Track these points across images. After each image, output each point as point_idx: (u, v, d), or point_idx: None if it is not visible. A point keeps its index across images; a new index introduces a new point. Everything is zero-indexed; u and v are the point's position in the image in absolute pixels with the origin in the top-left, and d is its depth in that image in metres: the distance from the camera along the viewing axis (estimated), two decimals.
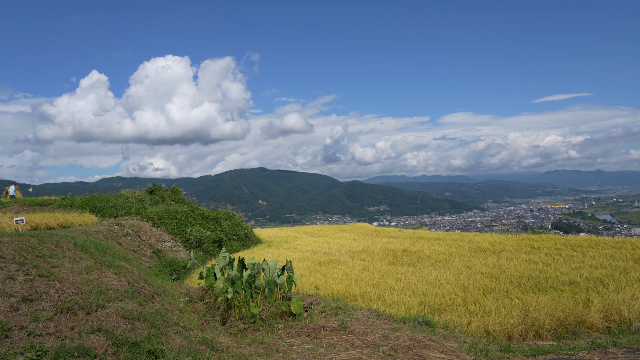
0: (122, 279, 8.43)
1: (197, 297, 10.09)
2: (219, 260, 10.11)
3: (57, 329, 5.68)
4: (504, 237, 20.82)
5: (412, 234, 27.17)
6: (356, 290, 11.20)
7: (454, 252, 17.16)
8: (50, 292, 6.47)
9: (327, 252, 18.87)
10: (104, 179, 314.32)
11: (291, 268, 9.44)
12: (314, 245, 22.05)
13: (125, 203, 24.01)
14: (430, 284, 11.79)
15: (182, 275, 14.54)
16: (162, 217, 21.18)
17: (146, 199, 26.89)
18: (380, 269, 14.29)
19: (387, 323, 7.92)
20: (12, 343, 5.11)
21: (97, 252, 9.75)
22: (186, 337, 6.96)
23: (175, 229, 20.40)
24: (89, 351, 5.39)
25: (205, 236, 20.34)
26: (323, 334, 7.51)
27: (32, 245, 8.07)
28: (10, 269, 6.64)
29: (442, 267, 14.18)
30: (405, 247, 18.71)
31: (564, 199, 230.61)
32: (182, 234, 20.09)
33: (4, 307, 5.66)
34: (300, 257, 17.15)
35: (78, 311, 6.27)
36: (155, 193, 28.45)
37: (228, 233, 23.32)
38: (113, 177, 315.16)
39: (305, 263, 15.66)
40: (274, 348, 6.98)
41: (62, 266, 7.66)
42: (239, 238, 24.03)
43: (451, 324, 8.30)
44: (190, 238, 19.79)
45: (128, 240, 15.66)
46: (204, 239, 20.12)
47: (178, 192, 29.78)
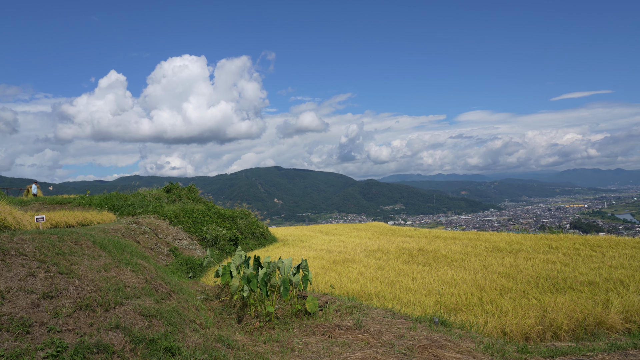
0: (140, 276, 8.53)
1: (213, 295, 10.17)
2: (235, 258, 10.18)
3: (77, 326, 5.77)
4: (521, 236, 20.57)
5: (428, 233, 27.01)
6: (371, 289, 11.17)
7: (470, 251, 17.02)
8: (69, 289, 6.58)
9: (343, 251, 18.86)
10: (122, 178, 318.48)
11: (306, 267, 9.46)
12: (329, 244, 22.06)
13: (142, 201, 24.30)
14: (446, 283, 11.71)
15: (198, 273, 14.67)
16: (179, 216, 21.38)
17: (163, 197, 27.17)
18: (395, 268, 14.23)
19: (402, 322, 7.89)
20: (33, 339, 5.21)
21: (115, 250, 9.88)
22: (202, 334, 7.02)
23: (192, 227, 20.58)
24: (107, 348, 5.47)
25: (222, 234, 20.48)
26: (338, 333, 7.51)
27: (52, 242, 8.21)
28: (31, 266, 6.77)
29: (458, 267, 14.07)
30: (421, 246, 18.61)
31: (582, 198, 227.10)
32: (198, 232, 20.26)
33: (25, 304, 5.78)
34: (316, 256, 17.17)
35: (97, 308, 6.36)
36: (172, 192, 28.72)
37: (244, 231, 23.44)
38: (131, 175, 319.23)
39: (320, 262, 15.67)
40: (289, 346, 7.01)
41: (81, 263, 7.78)
42: (254, 237, 24.14)
43: (467, 324, 8.23)
44: (207, 236, 19.95)
45: (145, 238, 15.84)
46: (220, 237, 20.26)
47: (194, 191, 30.02)
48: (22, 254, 7.06)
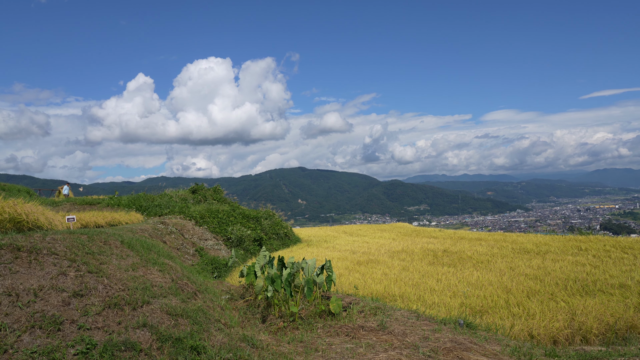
0: (166, 276, 8.68)
1: (237, 295, 10.27)
2: (259, 258, 10.26)
3: (105, 324, 5.91)
4: (549, 238, 20.16)
5: (453, 234, 26.71)
6: (395, 291, 11.12)
7: (497, 253, 16.77)
8: (99, 287, 6.74)
9: (366, 251, 18.81)
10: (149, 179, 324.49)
11: (330, 267, 9.47)
12: (353, 245, 22.02)
13: (169, 202, 24.69)
14: (471, 285, 11.57)
15: (223, 273, 14.83)
16: (204, 216, 21.65)
17: (189, 198, 27.55)
18: (420, 269, 14.13)
19: (427, 324, 7.83)
20: (64, 336, 5.35)
21: (142, 249, 10.07)
22: (227, 334, 7.10)
23: (217, 227, 20.82)
24: (135, 346, 5.59)
25: (246, 235, 20.65)
26: (362, 334, 7.50)
27: (82, 242, 8.42)
28: (62, 265, 6.96)
29: (484, 268, 13.88)
30: (446, 248, 18.42)
31: (613, 199, 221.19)
32: (223, 232, 20.48)
33: (57, 302, 5.94)
34: (339, 257, 17.16)
35: (125, 307, 6.50)
36: (198, 192, 29.10)
37: (268, 232, 23.60)
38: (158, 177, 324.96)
39: (344, 262, 15.66)
40: (313, 347, 7.03)
41: (110, 263, 7.96)
42: (278, 237, 24.27)
43: (493, 326, 8.12)
44: (231, 237, 20.15)
45: (172, 238, 16.09)
46: (244, 237, 20.43)
47: (219, 192, 30.36)
48: (54, 253, 7.26)
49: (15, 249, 6.89)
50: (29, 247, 7.12)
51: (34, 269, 6.57)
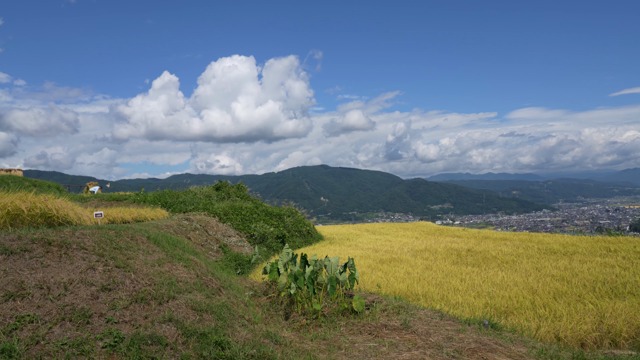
0: (191, 271, 8.80)
1: (261, 292, 10.34)
2: (282, 256, 10.30)
3: (132, 318, 6.02)
4: (577, 238, 19.73)
5: (477, 233, 26.37)
6: (419, 290, 11.04)
7: (522, 253, 16.49)
8: (126, 282, 6.87)
9: (389, 250, 18.72)
10: (174, 176, 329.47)
11: (353, 265, 9.46)
12: (375, 243, 21.95)
13: (193, 199, 25.00)
14: (496, 285, 11.41)
15: (246, 269, 14.95)
16: (228, 213, 21.86)
17: (213, 195, 27.84)
18: (443, 268, 14.00)
19: (450, 324, 7.75)
20: (93, 329, 5.48)
21: (168, 245, 10.22)
22: (251, 330, 7.16)
23: (240, 224, 20.99)
24: (161, 340, 5.68)
25: (269, 232, 20.77)
26: (385, 333, 7.47)
27: (110, 237, 8.60)
28: (91, 260, 7.12)
29: (509, 269, 13.67)
30: (470, 247, 18.20)
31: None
32: (246, 229, 20.64)
33: (86, 295, 6.08)
34: (362, 255, 17.12)
35: (151, 301, 6.62)
36: (222, 189, 29.39)
37: (291, 229, 23.69)
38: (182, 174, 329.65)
39: (366, 261, 15.62)
40: (335, 345, 7.03)
41: (136, 258, 8.11)
42: (301, 234, 24.35)
43: (519, 327, 7.99)
44: (255, 234, 20.29)
45: (196, 234, 16.30)
46: (267, 234, 20.56)
47: (243, 189, 30.59)
48: (83, 248, 7.44)
49: (46, 243, 7.07)
50: (60, 241, 7.31)
51: (64, 263, 6.74)
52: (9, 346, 4.66)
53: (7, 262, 6.14)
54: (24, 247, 6.69)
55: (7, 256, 6.29)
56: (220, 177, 35.43)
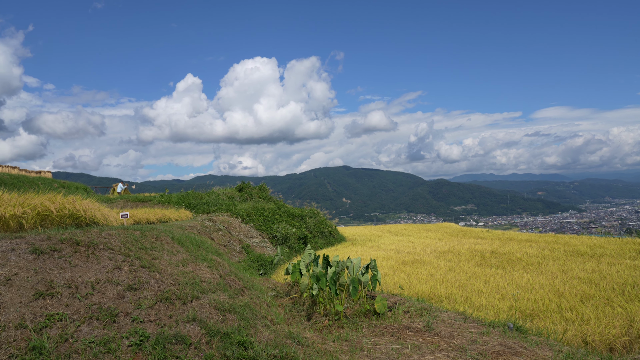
0: (215, 272, 8.89)
1: (283, 292, 10.39)
2: (304, 256, 10.34)
3: (157, 317, 6.12)
4: (605, 240, 19.27)
5: (502, 234, 25.98)
6: (442, 292, 10.94)
7: (548, 255, 16.19)
8: (151, 282, 6.99)
9: (412, 251, 18.59)
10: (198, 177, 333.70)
11: (375, 267, 9.43)
12: (397, 245, 21.82)
13: (216, 200, 25.26)
14: (521, 287, 11.23)
15: (269, 270, 15.03)
16: (251, 214, 22.02)
17: (235, 196, 28.08)
18: (467, 270, 13.84)
19: (474, 327, 7.66)
20: (119, 328, 5.58)
21: (192, 246, 10.35)
22: (273, 330, 7.20)
23: (263, 225, 21.12)
24: (185, 339, 5.76)
25: (291, 233, 20.85)
26: (407, 335, 7.42)
27: (135, 238, 8.75)
28: (117, 260, 7.26)
29: (534, 271, 13.43)
30: (494, 249, 17.95)
31: None
32: (269, 230, 20.76)
33: (112, 295, 6.21)
34: (384, 256, 17.05)
35: (175, 301, 6.71)
36: (244, 191, 29.62)
37: (313, 230, 23.73)
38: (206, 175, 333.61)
39: (389, 262, 15.55)
40: (358, 346, 7.02)
41: (161, 258, 8.24)
42: (323, 235, 24.37)
43: (545, 331, 7.85)
44: (277, 234, 20.39)
45: (219, 235, 16.46)
46: (289, 235, 20.64)
47: (265, 190, 30.78)
48: (110, 248, 7.59)
49: (74, 243, 7.24)
50: (87, 241, 7.47)
51: (92, 262, 6.89)
52: (39, 343, 4.79)
53: (37, 262, 6.31)
54: (53, 247, 6.86)
55: (37, 256, 6.46)
56: (243, 178, 35.71)
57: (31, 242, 6.80)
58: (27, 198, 9.45)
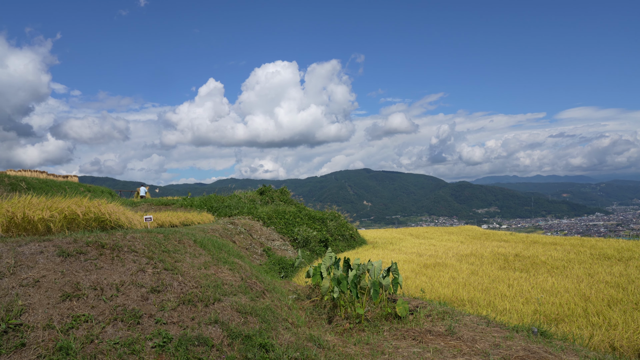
0: (236, 274, 8.96)
1: (304, 295, 10.41)
2: (325, 259, 10.34)
3: (180, 319, 6.20)
4: (633, 243, 18.79)
5: (525, 237, 25.57)
6: (464, 295, 10.82)
7: (573, 258, 15.87)
8: (174, 284, 7.08)
9: (433, 254, 18.44)
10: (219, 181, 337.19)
11: (396, 270, 9.38)
12: (419, 248, 21.66)
13: (238, 203, 25.45)
14: (545, 291, 11.03)
15: (290, 273, 15.07)
16: (272, 217, 22.12)
17: (257, 199, 28.25)
18: (490, 273, 13.65)
19: (497, 331, 7.56)
20: (143, 329, 5.68)
21: (213, 248, 10.46)
22: (294, 333, 7.22)
23: (284, 228, 21.20)
24: (207, 341, 5.83)
25: (312, 236, 20.87)
26: (429, 339, 7.37)
27: (158, 241, 8.88)
28: (141, 262, 7.39)
29: (559, 274, 13.18)
30: (518, 252, 17.68)
31: None
32: (290, 233, 20.82)
33: (136, 296, 6.31)
34: (405, 259, 16.94)
35: (197, 303, 6.79)
36: (265, 194, 29.78)
37: (334, 233, 23.72)
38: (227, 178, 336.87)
39: (410, 265, 15.45)
40: (379, 349, 7.00)
41: (184, 261, 8.34)
42: (344, 238, 24.33)
43: (570, 335, 7.69)
44: (298, 237, 20.44)
45: (241, 238, 16.58)
46: (310, 238, 20.66)
47: (286, 193, 30.90)
48: (134, 251, 7.72)
49: (99, 246, 7.39)
50: (112, 244, 7.62)
51: (116, 265, 7.02)
52: (66, 344, 4.90)
53: (64, 264, 6.46)
54: (79, 249, 7.02)
55: (64, 258, 6.62)
56: (264, 181, 35.89)
57: (58, 245, 6.97)
58: (54, 202, 9.67)
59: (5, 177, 28.47)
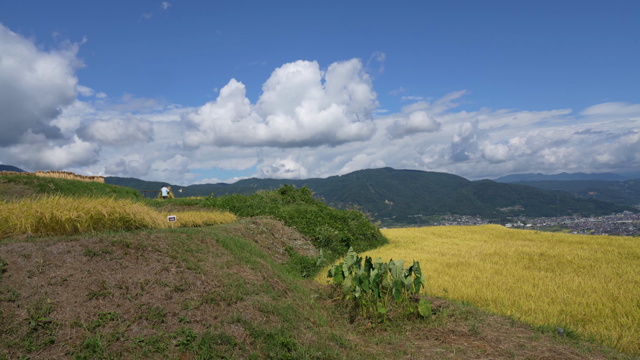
0: (258, 274, 9.02)
1: (326, 294, 10.42)
2: (347, 259, 10.33)
3: (203, 318, 6.28)
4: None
5: (551, 236, 25.10)
6: (488, 295, 10.68)
7: (601, 257, 15.51)
8: (197, 283, 7.17)
9: (456, 253, 18.24)
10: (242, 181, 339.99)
11: (418, 269, 9.32)
12: (442, 247, 21.45)
13: (260, 203, 25.61)
14: (572, 291, 10.81)
15: (311, 272, 15.10)
16: (293, 216, 22.19)
17: (278, 199, 28.38)
18: (514, 273, 13.45)
19: (522, 331, 7.44)
20: (167, 327, 5.76)
21: (236, 248, 10.55)
22: (316, 332, 7.24)
23: (305, 227, 21.24)
24: (229, 340, 5.88)
25: (334, 235, 20.87)
26: (452, 339, 7.30)
27: (182, 240, 9.00)
28: (165, 262, 7.50)
29: (586, 274, 12.90)
30: (543, 251, 17.36)
31: None
32: (311, 232, 20.85)
33: (160, 295, 6.41)
34: (428, 259, 16.81)
35: (220, 302, 6.86)
36: (287, 193, 29.90)
37: (355, 232, 23.67)
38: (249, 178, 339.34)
39: (432, 264, 15.32)
40: (401, 349, 6.96)
41: (206, 260, 8.44)
42: (365, 238, 24.27)
43: (598, 336, 7.52)
44: (319, 237, 20.46)
45: (263, 237, 16.68)
46: (332, 237, 20.66)
47: (307, 192, 30.96)
48: (157, 250, 7.84)
49: (124, 245, 7.52)
50: (136, 244, 7.75)
51: (141, 264, 7.14)
52: (92, 342, 5.01)
53: (90, 263, 6.60)
54: (105, 249, 7.16)
55: (91, 257, 6.76)
56: (286, 181, 36.05)
57: (85, 245, 7.12)
58: (81, 202, 9.89)
59: (35, 179, 29.26)
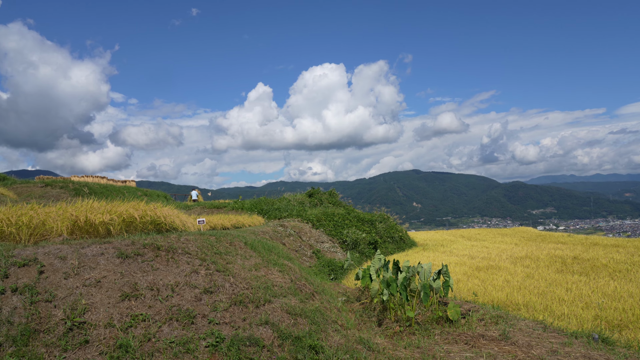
0: (286, 276, 9.07)
1: (353, 297, 10.40)
2: (374, 262, 10.29)
3: (232, 319, 6.35)
4: None
5: (584, 239, 24.44)
6: (519, 299, 10.47)
7: (638, 261, 15.02)
8: (225, 285, 7.26)
9: (486, 257, 17.95)
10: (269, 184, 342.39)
11: (447, 272, 9.21)
12: (471, 250, 21.14)
13: (287, 206, 25.75)
14: (607, 296, 10.50)
15: (339, 275, 15.09)
16: (321, 219, 22.23)
17: (306, 201, 28.48)
18: (546, 277, 13.15)
19: (555, 336, 7.27)
20: (197, 329, 5.86)
21: (264, 250, 10.64)
22: (344, 335, 7.23)
23: (333, 230, 21.24)
24: (258, 342, 5.94)
25: (361, 238, 20.81)
26: (482, 343, 7.18)
27: (211, 243, 9.13)
28: (194, 264, 7.62)
29: (622, 278, 12.52)
30: (576, 254, 16.92)
31: None
32: (338, 235, 20.84)
33: (190, 297, 6.52)
34: (457, 262, 16.59)
35: (248, 304, 6.93)
36: (314, 196, 29.98)
37: (383, 235, 23.55)
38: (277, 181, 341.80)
39: (462, 268, 15.11)
40: (430, 353, 6.89)
41: (235, 263, 8.53)
42: (393, 240, 24.11)
43: (635, 343, 7.29)
44: (347, 239, 20.43)
45: (290, 240, 16.76)
46: (359, 240, 20.60)
47: (335, 195, 30.96)
48: (187, 253, 7.98)
49: (155, 248, 7.68)
50: (167, 246, 7.90)
51: (171, 266, 7.28)
52: (125, 342, 5.14)
53: (123, 265, 6.76)
54: (137, 251, 7.33)
55: (123, 260, 6.93)
56: (313, 184, 36.17)
57: (118, 247, 7.30)
58: (114, 206, 10.15)
59: (70, 183, 30.19)
